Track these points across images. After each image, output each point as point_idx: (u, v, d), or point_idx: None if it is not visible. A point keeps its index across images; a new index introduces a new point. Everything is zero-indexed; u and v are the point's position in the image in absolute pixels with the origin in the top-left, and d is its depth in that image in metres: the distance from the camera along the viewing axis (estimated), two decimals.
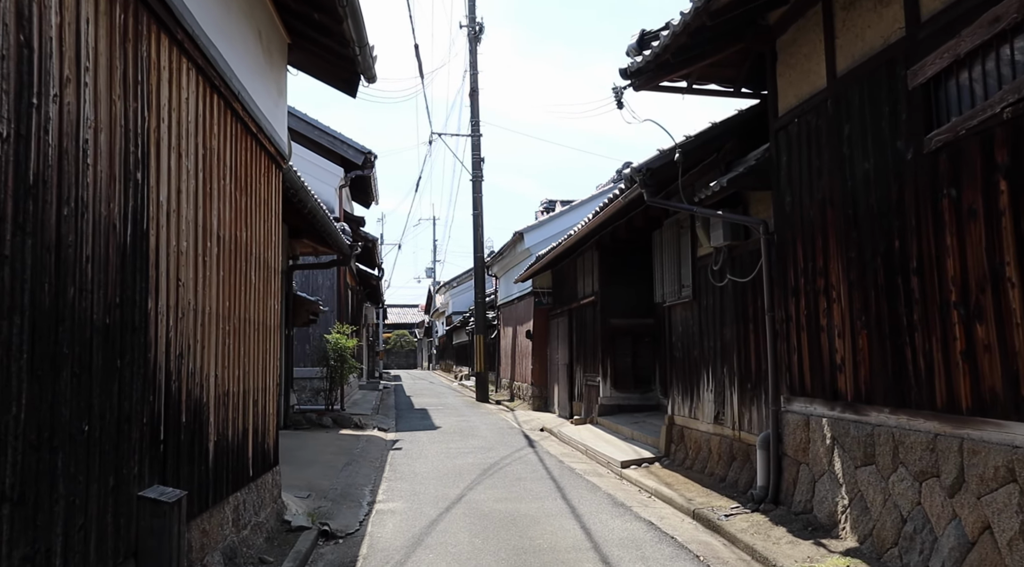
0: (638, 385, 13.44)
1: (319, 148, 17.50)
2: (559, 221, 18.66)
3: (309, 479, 8.65)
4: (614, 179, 19.15)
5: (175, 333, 4.17)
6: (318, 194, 17.21)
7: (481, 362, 23.08)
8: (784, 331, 6.56)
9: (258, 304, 6.16)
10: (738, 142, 7.57)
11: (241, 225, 5.60)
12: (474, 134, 23.42)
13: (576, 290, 15.54)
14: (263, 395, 6.34)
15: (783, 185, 6.55)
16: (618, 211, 9.74)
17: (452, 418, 17.05)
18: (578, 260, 15.38)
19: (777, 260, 6.67)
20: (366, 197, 22.23)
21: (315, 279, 17.59)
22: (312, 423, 13.78)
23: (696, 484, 7.95)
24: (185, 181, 4.35)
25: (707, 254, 8.33)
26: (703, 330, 8.57)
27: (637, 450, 10.11)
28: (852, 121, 5.50)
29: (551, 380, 18.02)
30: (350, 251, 13.61)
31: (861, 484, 5.37)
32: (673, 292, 9.35)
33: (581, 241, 13.27)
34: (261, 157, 6.25)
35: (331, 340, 14.50)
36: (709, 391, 8.37)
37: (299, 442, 11.44)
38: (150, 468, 3.79)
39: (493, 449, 11.68)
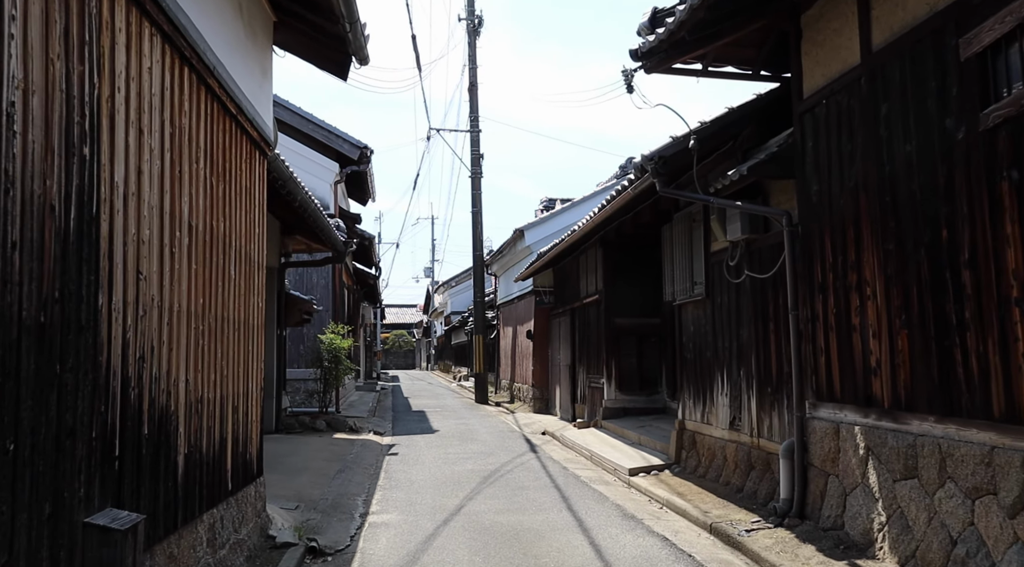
0: (644, 387, 12.94)
1: (313, 142, 16.99)
2: (560, 218, 18.15)
3: (298, 488, 8.15)
4: (617, 175, 18.65)
5: (135, 333, 3.66)
6: (312, 190, 16.70)
7: (480, 363, 22.57)
8: (809, 331, 6.06)
9: (239, 301, 5.65)
10: (757, 128, 7.07)
11: (218, 214, 5.09)
12: (473, 130, 22.92)
13: (579, 289, 15.04)
14: (245, 400, 5.83)
15: (809, 173, 6.05)
16: (625, 204, 9.24)
17: (450, 421, 16.55)
18: (581, 258, 14.88)
19: (802, 254, 6.17)
20: (362, 194, 21.72)
21: (309, 278, 17.09)
22: (305, 427, 13.26)
23: (711, 494, 7.45)
24: (148, 161, 3.84)
25: (722, 249, 7.83)
26: (717, 330, 8.07)
27: (645, 456, 9.61)
28: (891, 99, 5.00)
29: (552, 381, 17.51)
30: (344, 248, 13.10)
31: (901, 499, 4.87)
32: (684, 290, 8.85)
33: (584, 238, 12.77)
34: (242, 142, 5.74)
35: (325, 340, 13.99)
36: (724, 395, 7.87)
37: (290, 447, 10.93)
38: (101, 489, 3.29)
39: (493, 454, 11.18)
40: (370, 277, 28.16)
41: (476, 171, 22.75)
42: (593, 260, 13.84)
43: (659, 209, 9.84)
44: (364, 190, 21.09)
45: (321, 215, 10.45)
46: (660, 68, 6.77)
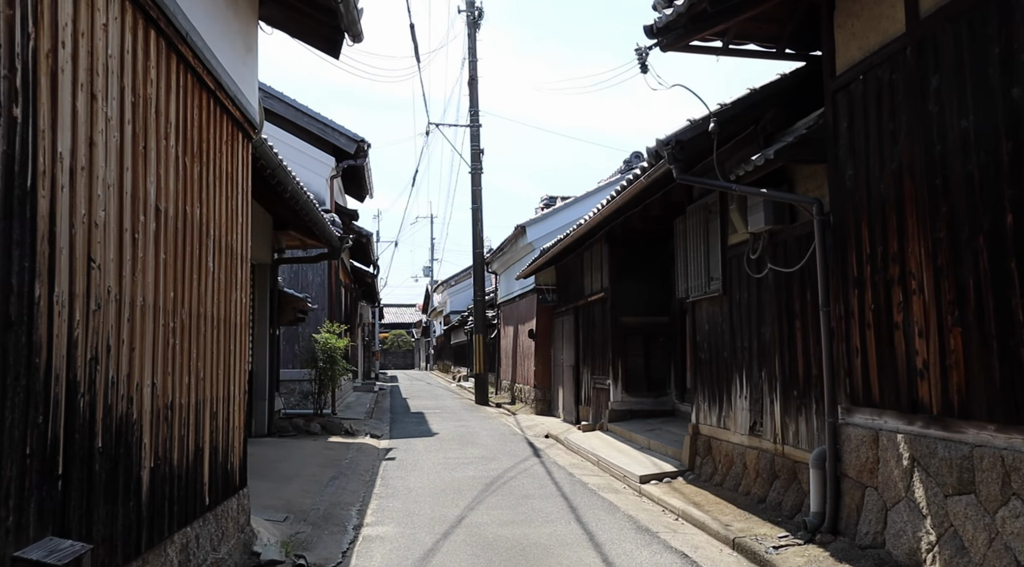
0: (651, 388, 12.43)
1: (308, 136, 16.48)
2: (563, 214, 17.64)
3: (289, 497, 7.63)
4: (621, 170, 18.15)
5: (85, 330, 3.15)
6: (307, 185, 16.18)
7: (480, 363, 22.06)
8: (843, 329, 5.54)
9: (219, 296, 5.14)
10: (781, 111, 6.56)
11: (193, 199, 4.57)
12: (473, 124, 22.40)
13: (583, 286, 14.53)
14: (226, 405, 5.31)
15: (842, 156, 5.53)
16: (635, 196, 8.73)
17: (450, 423, 16.03)
18: (585, 254, 14.37)
19: (834, 245, 5.65)
20: (360, 190, 21.20)
21: (304, 275, 16.58)
22: (299, 430, 12.75)
23: (730, 505, 6.94)
24: (104, 133, 3.32)
25: (741, 242, 7.32)
26: (735, 328, 7.56)
27: (656, 462, 9.10)
28: (943, 70, 4.49)
29: (555, 382, 17.00)
30: (340, 244, 12.58)
31: (954, 517, 4.36)
32: (699, 286, 8.34)
33: (590, 233, 12.26)
34: (223, 121, 5.23)
35: (320, 340, 13.48)
36: (743, 398, 7.36)
37: (282, 452, 10.41)
38: (38, 516, 2.77)
39: (495, 459, 10.67)
40: (368, 275, 27.65)
41: (476, 167, 22.24)
42: (598, 257, 13.33)
43: (670, 201, 9.33)
44: (361, 186, 20.58)
45: (314, 208, 9.94)
46: (677, 45, 6.25)
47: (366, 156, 16.96)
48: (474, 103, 22.45)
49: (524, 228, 17.74)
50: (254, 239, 11.78)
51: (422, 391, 29.46)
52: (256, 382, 12.22)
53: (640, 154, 18.22)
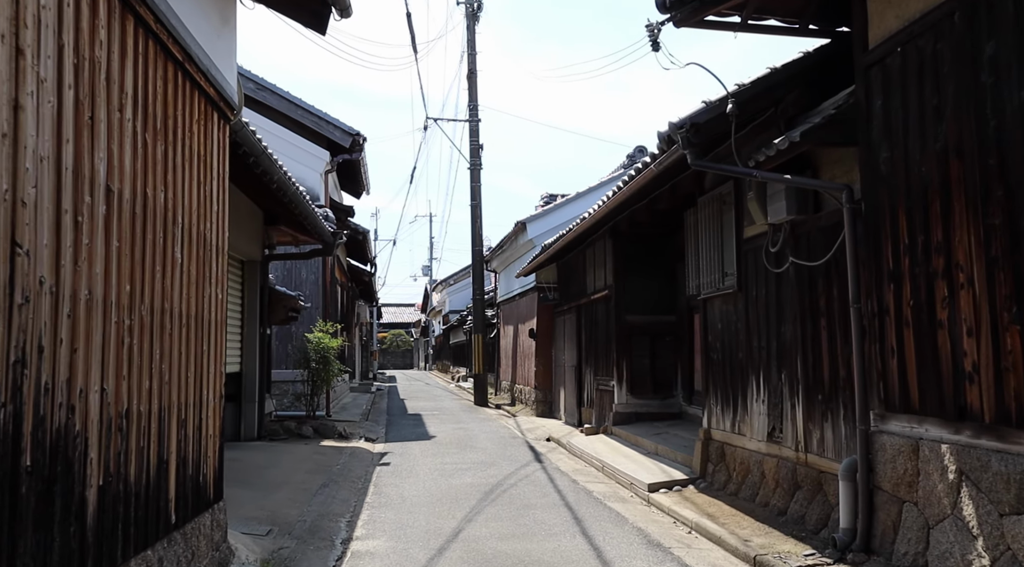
0: (657, 390, 11.93)
1: (302, 129, 15.98)
2: (565, 210, 17.14)
3: (274, 508, 7.13)
4: (624, 165, 17.66)
5: (7, 328, 2.65)
6: (300, 180, 15.67)
7: (479, 363, 21.57)
8: (877, 328, 5.05)
9: (189, 291, 4.64)
10: (804, 92, 6.06)
11: (157, 182, 4.08)
12: (472, 119, 21.91)
13: (585, 284, 14.04)
14: (197, 411, 4.82)
15: (876, 137, 5.04)
16: (643, 187, 8.23)
17: (448, 425, 15.54)
18: (588, 251, 13.87)
19: (866, 236, 5.16)
20: (356, 186, 20.69)
21: (298, 273, 16.08)
22: (290, 433, 12.25)
23: (748, 517, 6.44)
24: (33, 94, 2.83)
25: (759, 234, 6.83)
26: (752, 327, 7.07)
27: (665, 469, 8.60)
28: (999, 35, 3.99)
29: (556, 383, 16.51)
30: (333, 239, 12.09)
31: (1012, 539, 3.87)
32: (711, 282, 7.84)
33: (593, 228, 11.76)
34: (194, 98, 4.73)
35: (313, 340, 12.98)
36: (760, 402, 6.86)
37: (271, 457, 9.92)
38: None
39: (495, 464, 10.17)
40: (365, 274, 27.15)
41: (475, 162, 21.74)
42: (602, 253, 12.84)
43: (679, 193, 8.84)
44: (358, 182, 20.08)
45: (304, 200, 9.44)
46: (692, 20, 5.76)
47: (361, 150, 16.46)
48: (473, 97, 21.96)
49: (524, 224, 17.25)
50: (242, 234, 11.30)
51: (420, 392, 28.97)
52: (245, 384, 11.73)
53: (643, 148, 17.72)
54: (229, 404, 11.78)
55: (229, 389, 11.90)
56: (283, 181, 8.02)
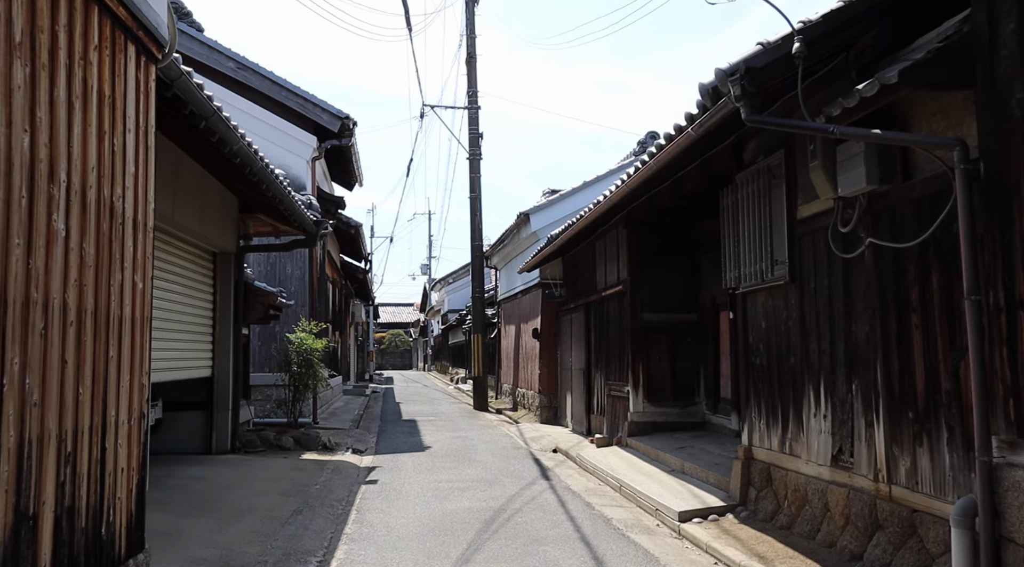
0: (678, 397, 10.70)
1: (286, 112, 14.75)
2: (572, 201, 15.89)
3: (231, 544, 5.89)
4: (635, 152, 16.43)
5: None
6: (285, 168, 14.43)
7: (479, 365, 20.33)
8: (1003, 327, 3.81)
9: (83, 277, 3.40)
10: (887, 29, 4.81)
11: (16, 118, 2.84)
12: (471, 106, 20.67)
13: (595, 279, 12.80)
14: (95, 440, 3.58)
15: (1004, 73, 3.80)
16: (671, 161, 6.99)
17: (445, 433, 14.29)
18: (598, 243, 12.63)
19: (988, 205, 3.92)
20: (347, 177, 19.46)
21: (282, 268, 14.85)
22: (269, 444, 11.01)
23: (810, 561, 5.20)
24: None
25: (821, 212, 5.59)
26: (809, 325, 5.83)
27: (695, 492, 7.36)
28: None
29: (562, 388, 15.27)
30: (316, 229, 10.86)
31: None
32: (755, 273, 6.59)
33: (607, 215, 10.52)
34: (91, 19, 3.49)
35: (294, 340, 11.74)
36: (821, 417, 5.62)
37: (240, 475, 8.67)
38: None
39: (496, 483, 8.93)
40: (359, 271, 25.93)
41: (474, 152, 20.51)
42: (615, 244, 11.60)
43: (711, 170, 7.61)
44: (349, 172, 18.84)
45: (275, 179, 8.20)
46: None
47: (352, 135, 15.22)
48: (472, 83, 20.73)
49: (528, 216, 16.00)
50: (213, 222, 10.05)
51: (417, 394, 27.74)
52: (217, 389, 10.50)
53: (655, 133, 16.48)
54: (198, 413, 10.55)
55: (198, 396, 10.67)
56: (246, 153, 6.78)
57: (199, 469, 8.89)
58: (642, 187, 8.62)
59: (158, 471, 8.67)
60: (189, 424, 10.47)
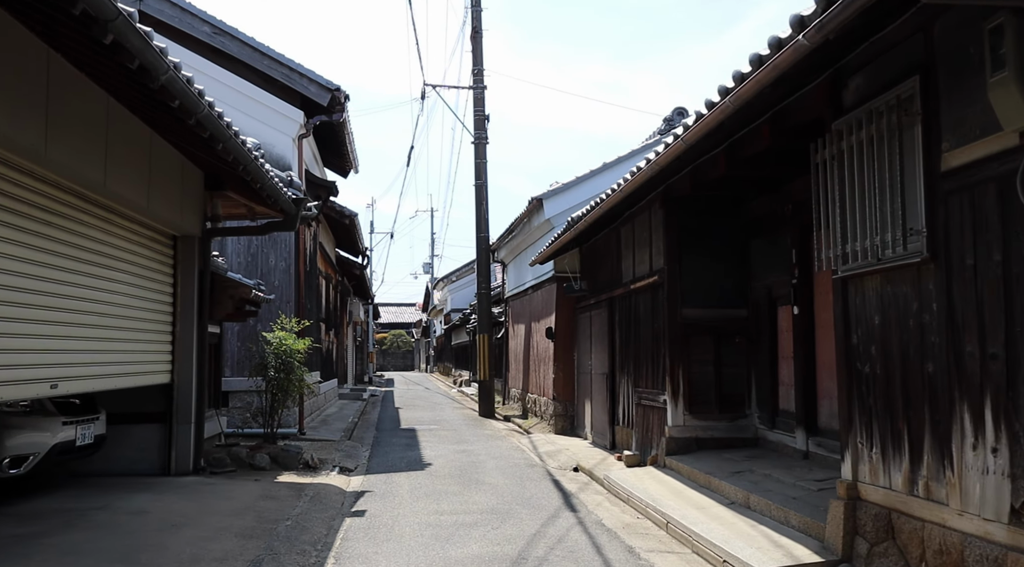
0: (725, 408, 9.00)
1: (269, 84, 13.08)
2: (590, 184, 14.18)
3: None
4: (660, 130, 14.74)
5: None
6: (269, 147, 12.70)
7: (485, 368, 18.65)
8: None
9: None
10: None
11: None
12: (476, 86, 19.00)
13: (620, 271, 11.11)
14: None
15: None
16: (738, 112, 5.33)
17: (448, 446, 12.60)
18: (623, 228, 10.95)
19: None
20: (341, 161, 17.79)
21: (265, 259, 13.17)
22: (240, 462, 9.34)
23: None
24: None
25: (990, 156, 3.89)
26: (963, 319, 4.14)
27: (774, 539, 5.65)
28: None
29: (580, 394, 13.57)
30: (295, 208, 9.19)
31: None
32: (868, 249, 4.88)
33: (638, 192, 8.84)
34: None
35: (272, 340, 10.06)
36: (986, 450, 3.93)
37: (194, 507, 6.99)
38: None
39: (511, 515, 7.25)
40: (356, 267, 24.27)
41: (480, 135, 18.84)
42: (646, 228, 9.91)
43: (788, 125, 5.94)
44: (343, 156, 17.17)
45: (236, 141, 6.52)
46: None
47: (343, 110, 13.53)
48: (477, 61, 19.06)
49: (540, 201, 14.29)
50: (170, 199, 8.30)
51: (418, 398, 26.04)
52: (178, 398, 8.83)
53: (683, 110, 14.81)
54: (154, 427, 8.86)
55: (155, 406, 8.98)
56: (191, 103, 5.08)
57: (145, 499, 7.21)
58: (689, 153, 6.95)
59: (91, 501, 6.99)
60: (143, 440, 8.80)
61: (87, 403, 7.82)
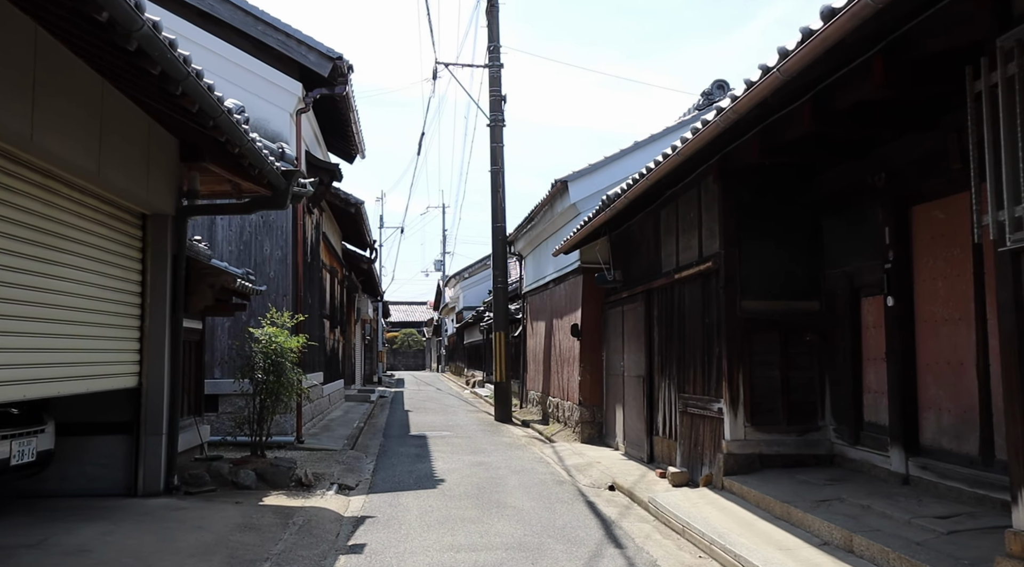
0: (793, 419, 7.58)
1: (264, 52, 11.75)
2: (621, 165, 12.72)
3: None
4: (698, 105, 13.31)
5: None
6: (264, 122, 11.31)
7: (502, 369, 17.28)
8: None
9: None
10: None
11: None
12: (492, 64, 17.64)
13: (660, 259, 9.70)
14: None
15: None
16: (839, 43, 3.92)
17: (463, 457, 11.22)
18: (663, 211, 9.55)
19: None
20: (346, 145, 16.45)
21: (259, 247, 11.84)
22: (221, 480, 8.00)
23: None
24: None
25: None
26: None
27: None
28: None
29: (610, 399, 12.17)
30: (285, 183, 7.83)
31: None
32: None
33: (686, 165, 7.43)
34: None
35: (260, 337, 8.70)
36: None
37: (152, 542, 5.62)
38: None
39: (543, 553, 5.85)
40: (364, 261, 22.93)
41: (496, 117, 17.47)
42: (695, 207, 8.50)
43: (909, 59, 4.54)
44: (348, 138, 15.82)
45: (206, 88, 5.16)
46: None
47: (346, 82, 12.18)
48: (493, 37, 17.69)
49: (566, 184, 12.87)
50: (135, 170, 6.85)
51: (429, 400, 24.68)
52: (148, 405, 7.51)
53: (724, 83, 13.37)
54: (119, 438, 7.53)
55: (120, 414, 7.64)
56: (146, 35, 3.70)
57: (93, 531, 5.85)
58: (755, 111, 5.55)
59: (25, 535, 5.61)
60: (105, 455, 7.47)
61: (30, 413, 6.49)
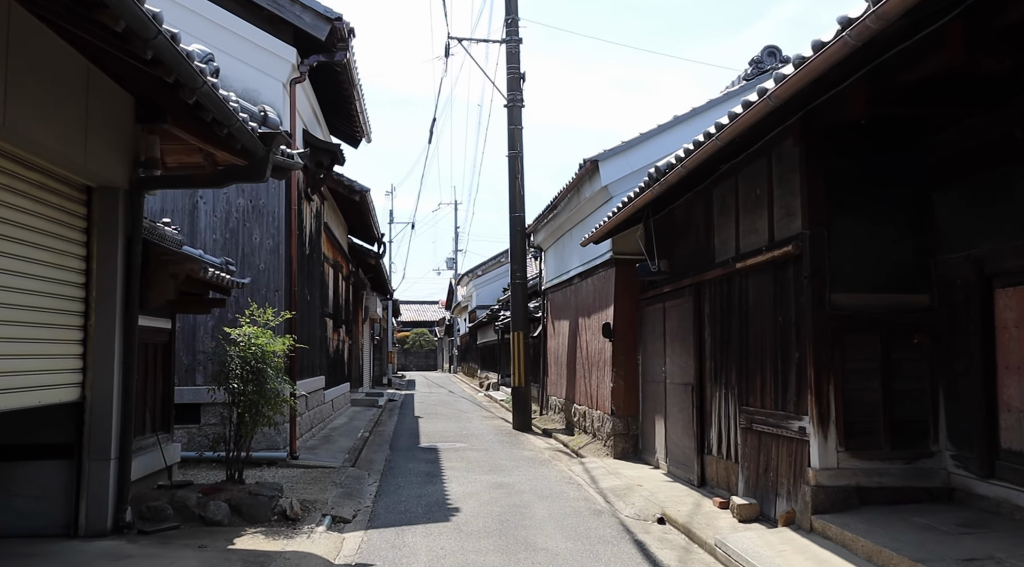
0: (898, 441, 6.03)
1: (252, 14, 10.29)
2: (657, 143, 11.14)
3: None
4: (746, 75, 11.75)
5: None
6: (255, 93, 9.88)
7: (520, 372, 15.78)
8: None
9: None
10: None
11: None
12: (510, 39, 16.13)
13: (713, 246, 8.16)
14: None
15: None
16: None
17: (480, 476, 9.71)
18: (716, 190, 8.01)
19: None
20: (349, 125, 14.97)
21: (248, 236, 10.38)
22: (186, 514, 6.53)
23: None
24: None
25: None
26: None
27: None
28: None
29: (649, 409, 10.63)
30: (264, 149, 6.35)
31: None
32: None
33: (757, 127, 5.88)
34: None
35: (238, 339, 7.22)
36: None
37: None
38: None
39: None
40: (371, 255, 21.44)
41: (514, 97, 15.97)
42: (762, 181, 6.96)
43: None
44: (350, 117, 14.34)
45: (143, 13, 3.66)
46: None
47: (347, 47, 10.70)
48: (511, 9, 16.20)
49: (596, 164, 11.32)
50: (73, 129, 4.72)
51: (441, 405, 23.18)
52: (92, 423, 6.07)
53: (775, 50, 11.79)
54: (55, 464, 6.09)
55: (57, 434, 6.21)
56: None
57: None
58: (862, 51, 4.02)
59: None
60: (39, 485, 6.02)
61: None
